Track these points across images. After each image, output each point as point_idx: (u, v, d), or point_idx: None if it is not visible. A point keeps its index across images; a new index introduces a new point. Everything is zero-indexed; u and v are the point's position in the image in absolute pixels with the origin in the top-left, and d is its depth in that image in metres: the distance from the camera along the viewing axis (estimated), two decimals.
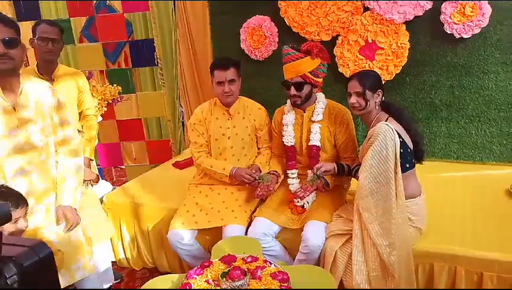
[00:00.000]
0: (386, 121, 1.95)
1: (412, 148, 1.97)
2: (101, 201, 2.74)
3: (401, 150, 1.85)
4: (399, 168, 1.84)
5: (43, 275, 0.93)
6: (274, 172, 2.42)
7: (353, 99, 2.04)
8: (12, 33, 1.64)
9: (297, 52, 2.17)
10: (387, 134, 1.82)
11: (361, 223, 1.90)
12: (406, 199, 1.89)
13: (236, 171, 2.37)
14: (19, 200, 1.63)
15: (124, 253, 2.80)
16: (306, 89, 2.21)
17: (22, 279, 0.85)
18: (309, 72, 2.16)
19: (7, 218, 0.91)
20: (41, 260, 0.89)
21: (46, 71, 2.35)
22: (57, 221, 1.84)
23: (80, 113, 2.57)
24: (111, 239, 2.71)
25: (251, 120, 2.50)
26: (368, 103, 2.02)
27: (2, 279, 0.82)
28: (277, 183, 2.43)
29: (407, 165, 1.93)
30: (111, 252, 2.74)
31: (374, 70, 2.71)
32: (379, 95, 2.04)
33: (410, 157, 1.95)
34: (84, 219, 1.96)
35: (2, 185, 1.66)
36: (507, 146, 2.83)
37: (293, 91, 2.22)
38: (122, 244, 2.79)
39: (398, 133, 1.86)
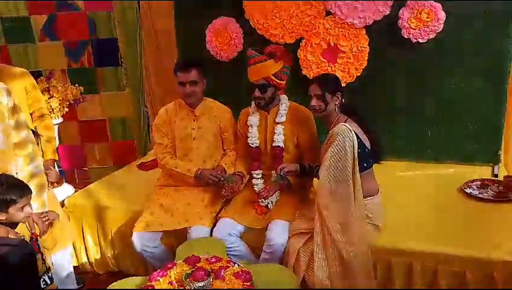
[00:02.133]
0: (345, 122, 2.02)
1: (369, 149, 2.04)
2: (62, 204, 2.68)
3: (359, 150, 1.93)
4: (357, 168, 1.91)
5: (25, 272, 1.03)
6: (239, 173, 2.45)
7: (313, 102, 2.11)
8: None
9: (261, 54, 2.21)
10: (346, 135, 1.89)
11: (321, 221, 1.96)
12: (364, 197, 1.97)
13: (201, 172, 2.38)
14: (23, 189, 1.72)
15: (87, 257, 2.75)
16: (270, 91, 2.26)
17: (5, 276, 0.92)
18: (272, 74, 2.21)
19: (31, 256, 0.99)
20: (25, 258, 0.99)
21: None
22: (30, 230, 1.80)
23: (32, 114, 2.39)
24: (73, 243, 2.65)
25: (216, 121, 2.51)
26: (328, 106, 2.09)
27: None
28: (242, 183, 2.46)
29: (365, 165, 2.01)
30: (73, 257, 2.68)
31: (334, 73, 2.79)
32: (338, 97, 2.12)
33: (367, 157, 2.03)
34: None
35: (5, 174, 1.73)
36: (461, 146, 2.96)
37: (257, 93, 2.26)
38: (85, 248, 2.73)
39: (356, 133, 1.93)
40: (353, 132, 1.91)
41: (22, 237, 1.69)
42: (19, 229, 1.74)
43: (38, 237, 1.80)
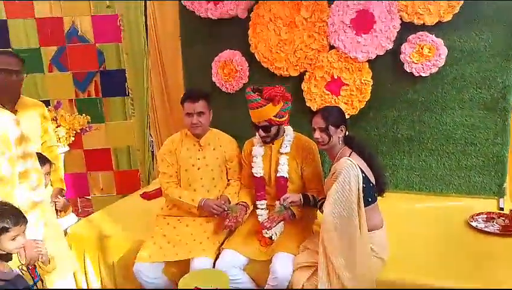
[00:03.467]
0: (349, 156, 2.01)
1: (374, 183, 2.03)
2: (65, 233, 2.67)
3: (364, 185, 1.91)
4: (362, 203, 1.89)
5: None
6: (243, 203, 2.44)
7: (317, 134, 2.11)
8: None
9: (259, 99, 2.21)
10: (350, 170, 1.87)
11: (326, 256, 1.93)
12: (369, 231, 1.94)
13: (205, 202, 2.37)
14: (19, 217, 1.63)
15: (87, 287, 2.70)
16: (273, 129, 2.30)
17: None
18: (273, 116, 2.23)
19: None
20: None
21: (8, 102, 2.30)
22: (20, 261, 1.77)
23: (42, 144, 2.50)
24: (74, 273, 2.61)
25: (221, 151, 2.53)
26: (331, 138, 2.09)
27: None
28: (246, 214, 2.44)
29: (369, 199, 1.99)
30: (74, 287, 2.64)
31: (338, 106, 2.76)
32: (342, 130, 2.11)
33: (372, 192, 2.01)
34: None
35: (3, 202, 1.65)
36: (465, 178, 2.96)
37: (261, 133, 2.31)
38: (86, 279, 2.69)
39: (360, 168, 1.92)
40: (357, 167, 1.90)
41: (18, 270, 1.65)
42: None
43: (37, 264, 1.78)
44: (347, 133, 2.15)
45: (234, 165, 2.56)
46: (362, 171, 1.93)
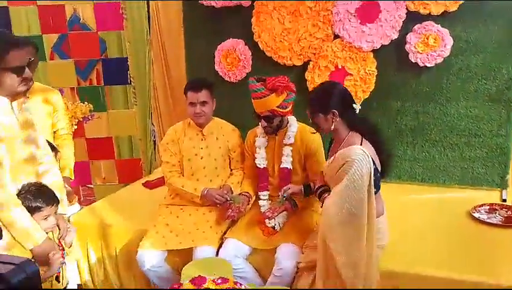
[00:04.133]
0: (360, 144, 1.82)
1: (380, 172, 1.90)
2: (68, 221, 2.67)
3: (374, 177, 1.74)
4: (373, 197, 1.74)
5: None
6: (246, 193, 2.44)
7: (312, 123, 1.99)
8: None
9: (263, 88, 2.16)
10: (363, 162, 1.69)
11: (325, 258, 1.84)
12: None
13: (208, 192, 2.37)
14: (51, 198, 1.75)
15: (91, 275, 2.72)
16: (276, 120, 2.26)
17: None
18: (277, 106, 2.19)
19: (35, 276, 0.96)
20: (28, 277, 0.93)
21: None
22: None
23: (55, 133, 2.52)
24: (77, 262, 2.63)
25: (224, 141, 2.52)
26: (322, 126, 1.93)
27: None
28: (248, 204, 2.45)
29: (375, 190, 1.85)
30: (77, 275, 2.66)
31: (331, 85, 2.10)
32: (335, 115, 1.89)
33: (378, 182, 1.86)
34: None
35: (38, 183, 1.75)
36: (468, 170, 2.96)
37: (264, 123, 2.28)
38: (89, 267, 2.71)
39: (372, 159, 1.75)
40: (370, 158, 1.71)
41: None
42: None
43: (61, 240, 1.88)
44: (356, 113, 1.92)
45: (237, 154, 2.56)
46: (373, 162, 1.76)
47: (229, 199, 2.35)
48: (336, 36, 3.03)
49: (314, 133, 2.22)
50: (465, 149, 2.95)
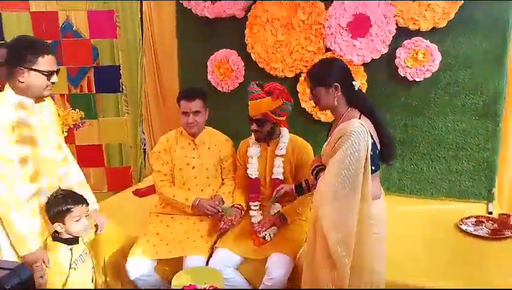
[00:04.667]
0: (358, 118, 1.74)
1: (379, 149, 1.80)
2: None
3: (371, 153, 1.66)
4: (369, 174, 1.65)
5: None
6: (238, 205, 2.44)
7: (311, 97, 1.89)
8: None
9: (260, 91, 2.25)
10: (361, 134, 1.62)
11: (315, 232, 1.76)
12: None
13: (199, 203, 2.37)
14: (78, 199, 1.83)
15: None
16: (267, 126, 2.30)
17: None
18: (270, 111, 2.24)
19: (30, 281, 0.98)
20: (23, 282, 0.94)
21: None
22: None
23: None
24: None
25: (217, 151, 2.53)
26: (323, 100, 1.83)
27: None
28: (240, 217, 2.45)
29: (373, 168, 1.71)
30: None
31: (332, 59, 2.17)
32: (337, 89, 1.80)
33: (376, 160, 1.76)
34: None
35: (63, 189, 1.87)
36: (455, 183, 3.00)
37: (254, 126, 2.31)
38: None
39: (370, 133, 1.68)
40: (368, 132, 1.65)
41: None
42: None
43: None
44: (355, 90, 1.84)
45: (229, 164, 2.57)
46: (371, 137, 1.68)
47: (220, 210, 2.35)
48: (328, 49, 3.07)
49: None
50: (452, 162, 2.99)
